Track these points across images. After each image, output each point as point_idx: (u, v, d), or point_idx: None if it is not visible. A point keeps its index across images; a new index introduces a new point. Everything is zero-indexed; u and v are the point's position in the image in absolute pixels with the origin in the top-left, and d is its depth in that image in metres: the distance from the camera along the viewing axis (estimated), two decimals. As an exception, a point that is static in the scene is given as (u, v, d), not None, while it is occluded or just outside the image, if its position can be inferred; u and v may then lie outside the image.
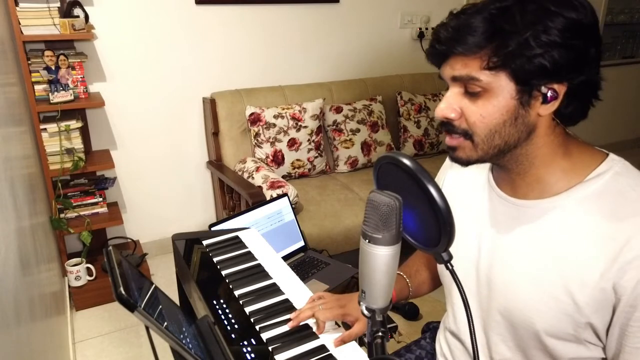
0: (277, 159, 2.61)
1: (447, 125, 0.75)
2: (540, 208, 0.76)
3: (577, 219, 0.72)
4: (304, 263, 1.87)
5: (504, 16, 0.67)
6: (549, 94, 0.68)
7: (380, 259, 0.59)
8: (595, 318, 0.71)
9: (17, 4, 2.00)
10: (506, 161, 0.77)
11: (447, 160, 0.98)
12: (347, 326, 0.94)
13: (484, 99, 0.70)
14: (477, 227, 0.86)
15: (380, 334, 0.61)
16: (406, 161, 0.59)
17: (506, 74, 0.68)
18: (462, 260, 0.87)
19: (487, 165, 0.87)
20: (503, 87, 0.69)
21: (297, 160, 2.66)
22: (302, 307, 0.96)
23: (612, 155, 0.75)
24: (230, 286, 1.04)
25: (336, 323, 0.94)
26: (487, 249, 0.84)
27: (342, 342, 0.88)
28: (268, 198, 2.11)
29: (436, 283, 1.10)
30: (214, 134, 2.62)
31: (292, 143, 2.63)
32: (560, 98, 0.69)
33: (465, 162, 0.77)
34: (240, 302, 0.98)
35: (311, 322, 0.93)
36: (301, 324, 0.93)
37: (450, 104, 0.73)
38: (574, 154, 0.75)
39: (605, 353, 0.74)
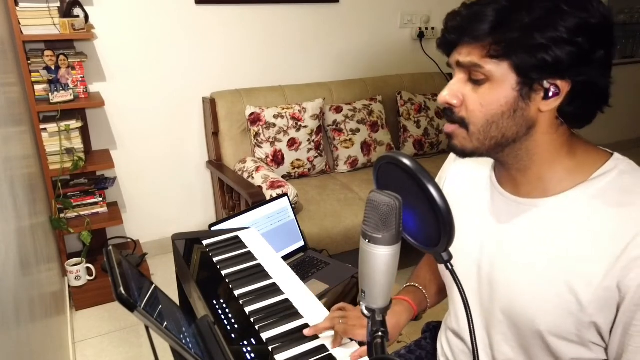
0: (277, 159, 2.61)
1: (447, 112, 0.76)
2: (544, 206, 0.76)
3: (582, 216, 0.72)
4: (304, 263, 1.87)
5: (513, 8, 0.67)
6: (551, 89, 0.69)
7: (380, 258, 0.59)
8: (599, 317, 0.71)
9: (17, 4, 2.00)
10: (505, 156, 0.77)
11: (450, 157, 0.98)
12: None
13: (485, 88, 0.71)
14: (478, 225, 0.86)
15: (380, 333, 0.61)
16: (406, 161, 0.59)
17: (508, 65, 0.69)
18: (462, 259, 0.87)
19: (489, 163, 0.87)
20: (505, 77, 0.69)
21: (297, 160, 2.66)
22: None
23: (616, 155, 0.75)
24: (230, 286, 1.03)
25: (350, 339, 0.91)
26: (489, 248, 0.83)
27: (360, 357, 0.86)
28: (268, 198, 2.11)
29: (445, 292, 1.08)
30: (214, 133, 2.62)
31: (292, 143, 2.63)
32: (562, 96, 0.69)
33: (461, 152, 0.78)
34: (240, 302, 0.98)
35: (312, 322, 0.93)
36: (301, 323, 0.93)
37: (453, 91, 0.74)
38: (579, 153, 0.75)
39: (608, 354, 0.73)
